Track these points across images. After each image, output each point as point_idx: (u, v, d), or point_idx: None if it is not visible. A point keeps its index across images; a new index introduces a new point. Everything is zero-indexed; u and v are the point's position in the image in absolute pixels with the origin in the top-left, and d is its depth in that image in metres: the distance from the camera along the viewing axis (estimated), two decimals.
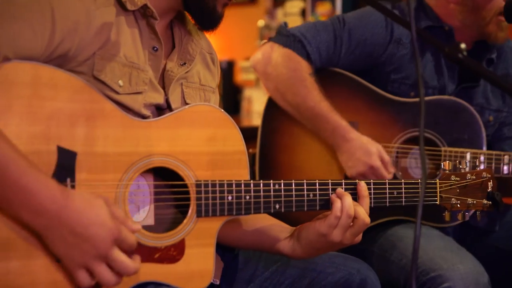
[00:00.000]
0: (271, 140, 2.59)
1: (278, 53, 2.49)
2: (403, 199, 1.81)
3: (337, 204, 1.69)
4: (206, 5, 1.73)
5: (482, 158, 2.38)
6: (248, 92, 6.29)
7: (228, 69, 6.27)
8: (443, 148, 2.44)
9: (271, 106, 2.57)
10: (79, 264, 1.44)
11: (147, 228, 1.60)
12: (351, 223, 1.69)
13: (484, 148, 2.44)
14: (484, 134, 2.45)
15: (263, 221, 1.85)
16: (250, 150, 2.64)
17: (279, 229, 1.82)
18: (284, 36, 2.51)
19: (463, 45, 1.43)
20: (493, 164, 2.38)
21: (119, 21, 1.64)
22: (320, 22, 2.59)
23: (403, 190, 1.81)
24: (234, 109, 6.25)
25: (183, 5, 1.76)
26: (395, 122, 2.47)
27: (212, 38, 1.92)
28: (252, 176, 2.61)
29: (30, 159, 1.42)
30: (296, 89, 2.45)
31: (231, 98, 6.29)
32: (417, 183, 1.83)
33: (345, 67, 2.55)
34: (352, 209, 1.68)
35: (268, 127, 2.59)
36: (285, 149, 2.57)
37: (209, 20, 1.77)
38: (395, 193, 1.80)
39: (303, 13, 5.98)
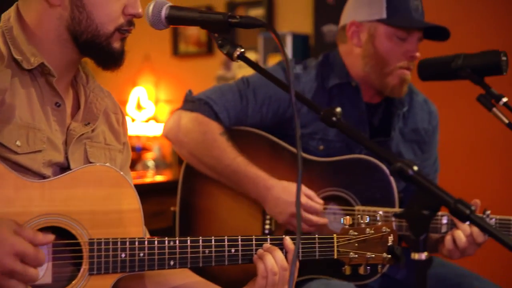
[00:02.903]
0: (191, 200, 2.62)
1: (187, 119, 2.53)
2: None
3: (260, 265, 1.78)
4: (100, 46, 1.74)
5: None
6: None
7: None
8: (356, 207, 2.46)
9: (189, 167, 2.60)
10: None
11: (44, 287, 1.63)
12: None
13: (397, 206, 2.45)
14: (395, 194, 2.45)
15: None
16: (172, 208, 2.68)
17: None
18: (191, 102, 2.56)
19: (338, 109, 1.49)
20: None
21: (14, 83, 1.68)
22: (225, 84, 2.64)
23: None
24: None
25: (80, 52, 1.76)
26: (311, 182, 2.48)
27: (170, 88, 1.95)
28: (172, 234, 2.63)
29: None
30: (210, 151, 2.49)
31: None
32: (327, 238, 1.88)
33: (255, 125, 2.59)
34: (275, 267, 1.77)
35: (187, 187, 2.62)
36: (204, 207, 2.60)
37: (110, 59, 1.77)
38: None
39: None
